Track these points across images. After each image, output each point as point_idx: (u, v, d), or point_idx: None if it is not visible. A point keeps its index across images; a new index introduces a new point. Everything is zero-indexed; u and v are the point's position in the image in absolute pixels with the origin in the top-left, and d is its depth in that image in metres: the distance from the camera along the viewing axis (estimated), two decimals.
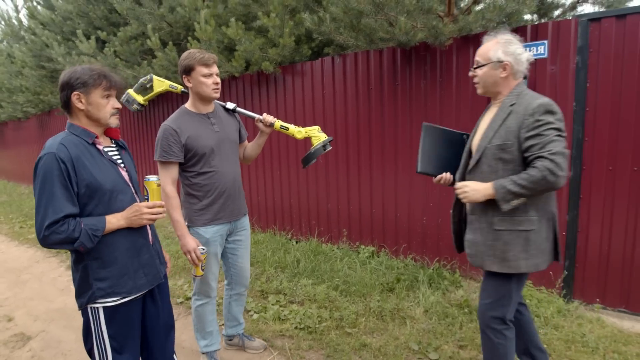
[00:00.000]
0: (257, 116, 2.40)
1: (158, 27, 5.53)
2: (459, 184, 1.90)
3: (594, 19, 2.88)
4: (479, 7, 3.51)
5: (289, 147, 4.67)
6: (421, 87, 3.64)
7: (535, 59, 3.08)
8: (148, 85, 2.44)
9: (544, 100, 1.75)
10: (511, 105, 1.82)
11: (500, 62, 1.83)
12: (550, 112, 1.72)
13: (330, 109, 4.27)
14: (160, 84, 2.43)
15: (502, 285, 1.89)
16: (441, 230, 3.69)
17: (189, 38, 4.93)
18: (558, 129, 1.71)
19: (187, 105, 2.31)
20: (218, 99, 2.37)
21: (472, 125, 3.39)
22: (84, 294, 1.64)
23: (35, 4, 7.99)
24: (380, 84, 3.87)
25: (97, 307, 1.65)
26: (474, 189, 1.82)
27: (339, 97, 4.19)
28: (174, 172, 2.22)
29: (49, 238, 1.51)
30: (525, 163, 1.77)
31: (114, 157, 1.74)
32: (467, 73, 3.39)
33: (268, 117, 2.37)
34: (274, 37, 4.42)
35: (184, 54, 2.21)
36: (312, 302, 3.24)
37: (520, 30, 3.14)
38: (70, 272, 4.45)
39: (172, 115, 2.26)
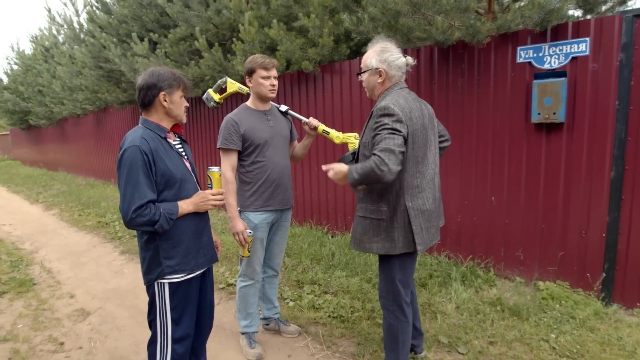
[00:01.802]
0: (304, 119, 2.62)
1: (205, 29, 5.83)
2: (325, 166, 2.11)
3: (639, 14, 2.80)
4: (518, 5, 3.47)
5: (326, 145, 4.80)
6: (458, 86, 3.66)
7: (576, 57, 3.03)
8: (223, 86, 2.70)
9: (382, 104, 1.96)
10: (373, 109, 2.03)
11: (375, 69, 2.06)
12: (385, 114, 1.92)
13: (367, 107, 4.36)
14: (232, 86, 2.68)
15: (386, 270, 2.15)
16: (476, 228, 3.69)
17: (234, 39, 5.18)
18: (392, 129, 1.89)
19: (248, 102, 2.60)
20: (273, 100, 2.63)
21: (510, 124, 3.39)
22: (154, 270, 1.86)
23: (94, 8, 8.59)
24: (417, 82, 3.92)
25: (164, 283, 1.87)
26: (336, 171, 2.03)
27: None
28: (233, 159, 2.49)
29: (135, 220, 1.72)
30: None
31: (180, 150, 1.98)
32: (505, 72, 3.38)
33: (313, 121, 2.59)
34: (313, 37, 4.57)
35: (249, 58, 2.50)
36: (345, 293, 3.37)
37: (560, 28, 3.10)
38: (123, 257, 4.88)
39: (234, 110, 2.55)
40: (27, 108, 14.17)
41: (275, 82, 2.51)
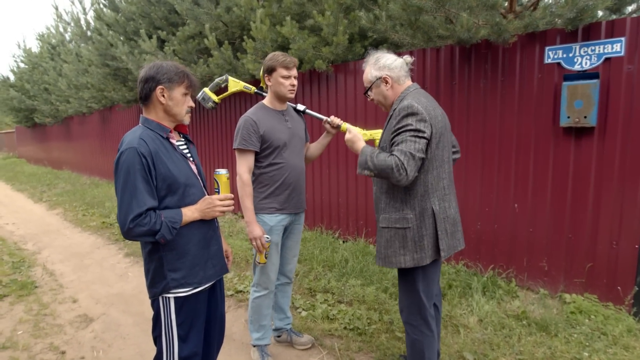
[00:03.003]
0: (325, 118, 2.50)
1: (214, 27, 5.70)
2: (345, 124, 2.16)
3: None
4: (545, 2, 3.31)
5: (338, 146, 4.65)
6: (480, 87, 3.50)
7: (610, 58, 2.86)
8: (223, 85, 2.54)
9: (404, 104, 1.86)
10: (394, 109, 1.95)
11: (379, 78, 2.00)
12: (409, 114, 1.82)
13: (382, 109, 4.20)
14: (235, 85, 2.52)
15: (409, 282, 2.00)
16: (497, 236, 3.52)
17: (244, 37, 5.04)
18: (415, 130, 1.80)
19: (265, 101, 2.45)
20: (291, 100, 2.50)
21: (536, 127, 3.22)
22: (158, 284, 1.70)
23: (101, 6, 8.49)
24: (437, 83, 3.76)
25: (169, 297, 1.70)
26: (353, 141, 2.04)
27: None
28: (250, 160, 2.34)
29: (133, 230, 1.56)
30: None
31: (184, 151, 1.81)
32: (532, 73, 3.21)
33: (335, 119, 2.47)
34: (327, 35, 4.42)
35: (269, 55, 2.36)
36: (360, 303, 3.20)
37: (593, 28, 2.93)
38: (128, 260, 4.72)
39: (252, 109, 2.40)
40: (33, 106, 14.10)
41: (295, 82, 2.37)
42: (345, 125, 2.47)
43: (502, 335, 2.74)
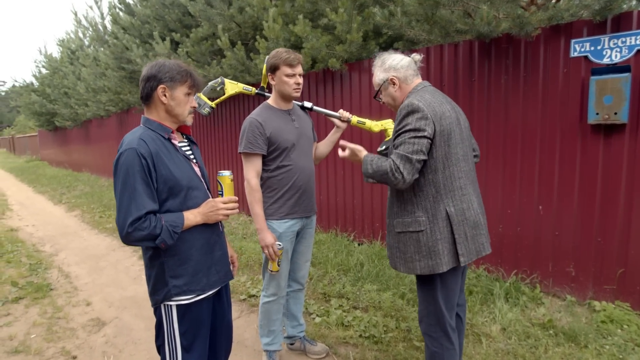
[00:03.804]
0: (334, 113, 2.42)
1: (227, 28, 5.66)
2: (342, 142, 1.97)
3: None
4: None
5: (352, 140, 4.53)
6: (501, 84, 3.34)
7: None
8: (219, 88, 2.44)
9: (406, 102, 1.79)
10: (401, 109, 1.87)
11: (386, 80, 1.94)
12: (409, 113, 1.75)
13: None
14: (234, 87, 2.43)
15: (427, 290, 1.89)
16: (520, 240, 3.36)
17: (257, 37, 4.98)
18: (414, 130, 1.72)
19: (270, 101, 2.35)
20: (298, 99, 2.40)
21: (562, 125, 3.05)
22: (159, 291, 1.63)
23: (117, 10, 8.59)
24: (455, 80, 3.61)
25: (171, 305, 1.63)
26: (353, 153, 1.92)
27: None
28: (258, 164, 2.24)
29: (132, 235, 1.49)
30: None
31: (187, 153, 1.73)
32: (557, 67, 3.05)
33: (345, 113, 2.41)
34: (341, 33, 4.32)
35: (272, 53, 2.25)
36: (376, 309, 3.09)
37: (623, 18, 2.75)
38: (141, 262, 4.70)
39: (256, 110, 2.30)
40: (54, 110, 14.40)
41: (301, 80, 2.25)
42: (355, 119, 2.42)
43: (528, 345, 2.58)
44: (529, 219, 3.31)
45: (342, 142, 1.96)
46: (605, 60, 2.82)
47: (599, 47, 2.84)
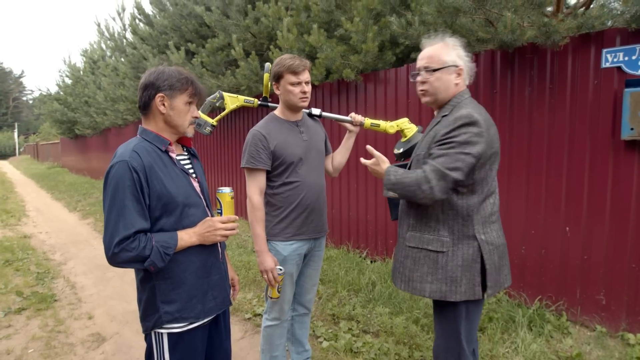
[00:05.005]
0: (345, 117, 2.29)
1: (243, 38, 5.62)
2: (369, 148, 1.79)
3: None
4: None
5: (366, 156, 4.37)
6: (525, 96, 3.15)
7: None
8: (218, 104, 2.31)
9: (462, 112, 1.58)
10: (444, 115, 1.67)
11: (455, 66, 1.67)
12: (468, 124, 1.55)
13: (415, 120, 3.89)
14: (234, 101, 2.29)
15: (449, 322, 1.69)
16: (545, 263, 3.12)
17: (271, 47, 4.90)
18: (464, 143, 1.53)
19: (276, 112, 2.20)
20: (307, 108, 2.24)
21: (592, 141, 2.84)
22: (150, 317, 1.50)
23: (137, 21, 8.71)
24: (475, 91, 3.43)
25: (162, 333, 1.49)
26: (376, 164, 1.76)
27: (426, 106, 3.82)
28: (261, 180, 2.08)
29: (118, 256, 1.37)
30: None
31: (186, 167, 1.60)
32: (586, 79, 2.84)
33: (357, 116, 2.29)
34: (356, 43, 4.20)
35: (276, 60, 2.10)
36: (388, 335, 2.88)
37: None
38: None
39: (261, 121, 2.15)
40: (74, 118, 14.69)
41: (307, 89, 2.07)
42: (368, 122, 2.29)
43: None
44: (554, 241, 3.07)
45: (368, 148, 1.78)
46: None
47: (633, 57, 2.63)
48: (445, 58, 1.66)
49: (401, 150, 2.15)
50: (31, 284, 4.38)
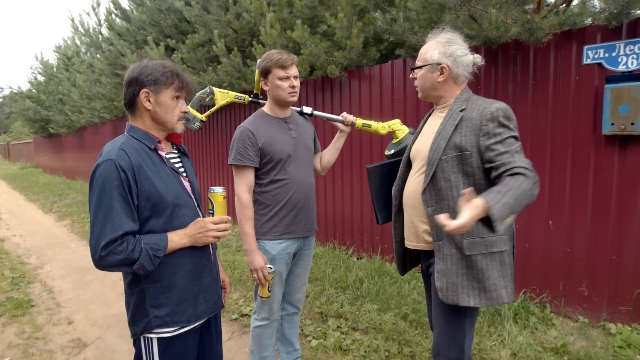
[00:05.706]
0: (336, 117, 2.27)
1: (224, 34, 5.51)
2: (454, 225, 1.29)
3: None
4: None
5: (352, 155, 4.36)
6: (509, 92, 3.18)
7: None
8: (208, 99, 2.25)
9: (500, 104, 1.57)
10: (461, 110, 1.62)
11: (437, 64, 1.64)
12: (509, 117, 1.55)
13: (400, 116, 3.90)
14: (224, 96, 2.24)
15: (454, 321, 1.66)
16: (529, 257, 3.17)
17: (254, 43, 4.83)
18: (517, 138, 1.55)
19: (265, 108, 2.17)
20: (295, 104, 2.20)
21: (574, 136, 2.89)
22: (139, 322, 1.44)
23: (113, 16, 8.45)
24: None
25: (151, 338, 1.44)
26: (473, 214, 1.29)
27: (411, 102, 3.83)
28: (249, 178, 2.04)
29: (105, 259, 1.31)
30: (488, 174, 1.55)
31: (176, 165, 1.54)
32: (568, 75, 2.89)
33: (349, 116, 2.26)
34: (340, 39, 4.17)
35: (263, 55, 2.06)
36: (377, 331, 2.88)
37: None
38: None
39: (249, 118, 2.11)
40: (48, 116, 14.21)
41: (296, 83, 2.04)
42: (360, 122, 2.26)
43: None
44: (538, 235, 3.12)
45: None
46: (621, 68, 2.67)
47: (614, 54, 2.69)
48: (428, 56, 1.66)
49: (392, 151, 2.14)
50: (5, 289, 4.21)
